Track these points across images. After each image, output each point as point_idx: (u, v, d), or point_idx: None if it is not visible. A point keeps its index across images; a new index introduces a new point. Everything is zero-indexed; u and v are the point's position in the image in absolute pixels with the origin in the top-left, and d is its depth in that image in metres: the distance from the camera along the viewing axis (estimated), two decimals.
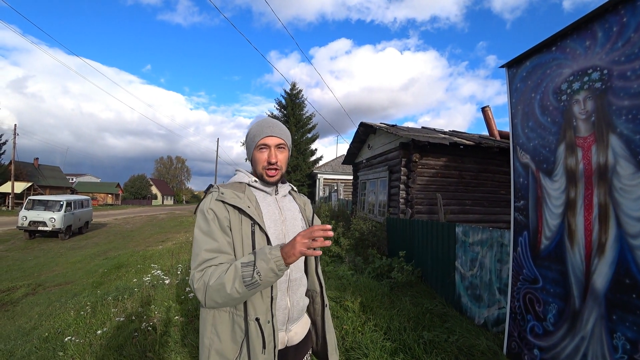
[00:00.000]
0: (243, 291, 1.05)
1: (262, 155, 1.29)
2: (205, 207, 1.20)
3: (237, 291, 1.04)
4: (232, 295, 1.05)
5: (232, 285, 1.04)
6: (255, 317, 1.15)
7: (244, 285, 1.04)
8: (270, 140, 1.29)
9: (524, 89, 2.80)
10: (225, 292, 1.05)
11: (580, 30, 2.29)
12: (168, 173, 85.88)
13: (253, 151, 1.31)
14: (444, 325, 3.50)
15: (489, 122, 10.62)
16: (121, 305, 4.31)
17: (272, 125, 1.32)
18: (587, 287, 2.16)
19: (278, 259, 1.05)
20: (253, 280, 1.04)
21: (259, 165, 1.30)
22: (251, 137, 1.32)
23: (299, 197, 1.50)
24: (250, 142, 1.33)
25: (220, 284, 1.05)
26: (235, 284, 1.04)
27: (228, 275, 1.06)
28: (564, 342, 2.29)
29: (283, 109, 29.03)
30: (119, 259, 9.40)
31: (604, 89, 2.11)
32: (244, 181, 1.33)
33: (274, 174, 1.30)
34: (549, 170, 2.51)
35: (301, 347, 1.34)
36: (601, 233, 2.08)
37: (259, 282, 1.05)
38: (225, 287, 1.04)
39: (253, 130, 1.32)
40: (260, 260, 1.05)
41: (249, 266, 1.06)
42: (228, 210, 1.20)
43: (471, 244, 3.96)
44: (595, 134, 2.16)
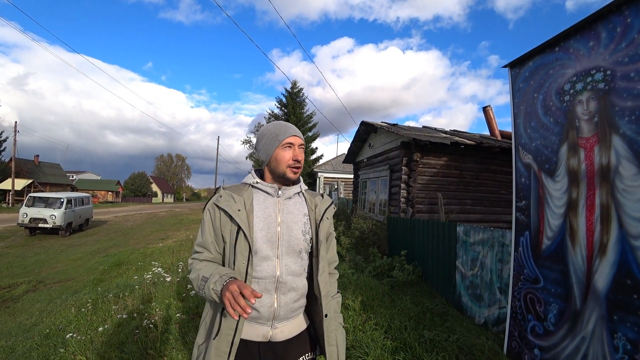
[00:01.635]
0: (200, 294, 1.24)
1: (287, 153, 1.32)
2: (207, 207, 1.35)
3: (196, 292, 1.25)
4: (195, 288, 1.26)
5: (195, 286, 1.25)
6: (222, 306, 1.24)
7: (198, 290, 1.23)
8: (295, 139, 1.34)
9: (527, 89, 2.80)
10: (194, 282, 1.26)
11: (583, 30, 2.29)
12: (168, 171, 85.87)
13: (276, 149, 1.33)
14: (445, 325, 3.50)
15: (490, 121, 10.62)
16: (122, 302, 4.31)
17: (291, 126, 1.38)
18: (588, 288, 2.16)
19: (217, 292, 1.15)
20: (201, 292, 1.21)
21: (283, 163, 1.32)
22: (273, 135, 1.34)
23: (312, 197, 1.47)
24: (272, 140, 1.34)
25: (192, 279, 1.27)
26: (195, 286, 1.25)
27: (195, 278, 1.25)
28: (565, 342, 2.30)
29: (284, 107, 29.01)
30: (120, 257, 9.41)
31: (607, 89, 2.11)
32: (248, 182, 1.37)
33: (298, 171, 1.35)
34: (551, 170, 2.51)
35: (293, 346, 1.34)
36: (603, 234, 2.08)
37: (205, 296, 1.22)
38: (193, 284, 1.26)
39: (274, 130, 1.35)
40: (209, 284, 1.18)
41: (203, 280, 1.20)
42: (220, 213, 1.30)
43: (472, 243, 3.97)
44: (598, 135, 2.16)
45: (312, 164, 28.53)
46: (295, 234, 1.33)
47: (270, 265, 1.28)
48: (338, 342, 1.40)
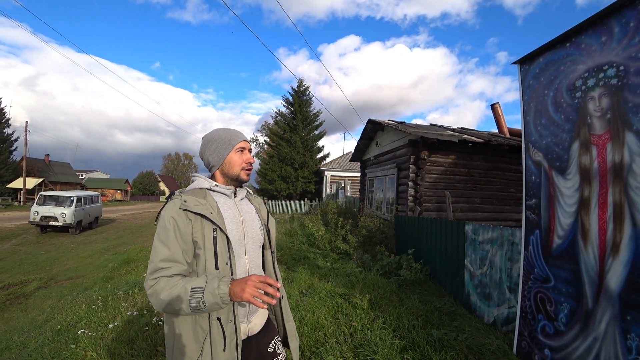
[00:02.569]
0: (189, 312, 1.15)
1: (241, 157, 1.41)
2: (167, 215, 1.24)
3: (183, 310, 1.14)
4: (180, 312, 1.16)
5: (180, 306, 1.14)
6: (217, 316, 1.23)
7: (190, 308, 1.14)
8: (245, 144, 1.43)
9: (537, 86, 2.76)
10: (173, 308, 1.15)
11: (595, 25, 2.25)
12: (176, 169, 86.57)
13: (230, 154, 1.39)
14: (453, 324, 3.48)
15: (499, 119, 10.50)
16: (131, 299, 4.36)
17: (239, 132, 1.46)
18: (600, 287, 2.13)
19: (224, 296, 1.13)
20: (198, 306, 1.13)
21: (237, 166, 1.40)
22: (225, 140, 1.40)
23: (254, 198, 1.58)
24: (224, 145, 1.39)
25: (170, 299, 1.14)
26: (183, 305, 1.14)
27: (177, 294, 1.14)
28: (576, 343, 2.27)
29: (290, 105, 29.05)
30: (129, 254, 9.51)
31: (620, 85, 2.07)
32: (204, 187, 1.38)
33: (250, 173, 1.44)
34: (562, 168, 2.47)
35: (263, 334, 1.45)
36: (616, 232, 2.05)
37: (203, 309, 1.14)
38: (173, 304, 1.14)
39: (225, 135, 1.41)
40: (208, 292, 1.13)
41: (198, 292, 1.13)
42: (190, 218, 1.25)
43: (481, 242, 3.93)
44: (610, 132, 2.12)
45: (319, 163, 28.56)
46: (255, 230, 1.44)
47: (242, 262, 1.36)
48: (292, 317, 1.57)
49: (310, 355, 2.90)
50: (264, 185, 27.95)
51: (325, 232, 8.68)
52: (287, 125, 28.66)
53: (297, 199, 26.80)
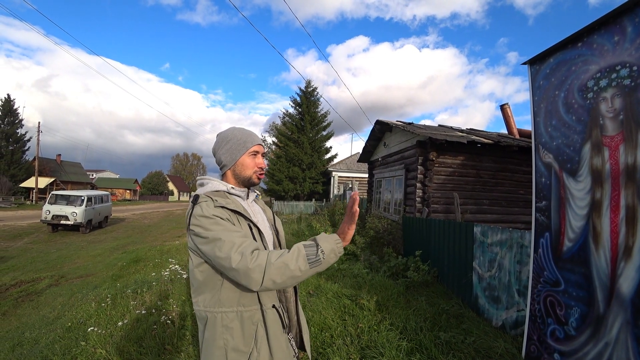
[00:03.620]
0: (305, 269, 1.10)
1: (253, 160, 1.39)
2: (208, 213, 1.21)
3: (299, 269, 1.09)
4: (294, 272, 1.09)
5: (295, 263, 1.09)
6: (271, 304, 1.27)
7: (307, 263, 1.11)
8: (260, 148, 1.42)
9: (547, 87, 2.72)
10: (289, 270, 1.09)
11: (608, 25, 2.21)
12: (184, 170, 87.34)
13: (242, 156, 1.38)
14: (461, 327, 3.45)
15: (508, 120, 10.39)
16: (140, 298, 4.41)
17: (255, 135, 1.44)
18: (612, 292, 2.09)
19: (338, 242, 1.17)
20: (317, 258, 1.12)
21: (250, 169, 1.39)
22: (240, 142, 1.38)
23: (259, 201, 1.59)
24: (238, 146, 1.38)
25: (283, 262, 1.09)
26: (299, 262, 1.10)
27: (290, 254, 1.11)
28: (587, 348, 2.23)
29: (298, 106, 29.09)
30: (137, 253, 9.62)
31: (634, 86, 2.03)
32: (221, 189, 1.36)
33: (262, 177, 1.43)
34: (573, 170, 2.43)
35: None
36: (628, 236, 2.01)
37: (321, 260, 1.12)
38: (288, 265, 1.09)
39: (241, 136, 1.39)
40: (323, 241, 1.15)
41: (312, 247, 1.14)
42: (231, 214, 1.26)
43: (490, 244, 3.89)
44: (623, 133, 2.09)
45: (326, 163, 28.55)
46: (267, 230, 1.44)
47: None
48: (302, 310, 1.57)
49: (317, 356, 2.89)
50: (272, 185, 28.02)
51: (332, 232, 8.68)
52: (294, 126, 28.71)
53: (304, 199, 26.83)
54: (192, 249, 1.25)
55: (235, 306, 1.23)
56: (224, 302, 1.22)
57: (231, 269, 1.11)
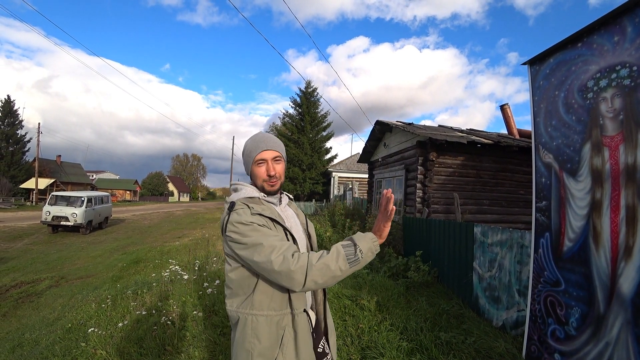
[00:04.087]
0: (345, 269, 1.13)
1: (260, 169, 1.37)
2: (245, 220, 1.22)
3: (340, 269, 1.13)
4: (335, 272, 1.13)
5: (335, 264, 1.13)
6: (302, 309, 1.29)
7: (347, 262, 1.14)
8: (267, 154, 1.36)
9: (547, 87, 2.72)
10: (329, 270, 1.12)
11: (608, 25, 2.21)
12: (184, 170, 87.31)
13: (252, 166, 1.38)
14: (461, 327, 3.45)
15: (508, 120, 10.40)
16: (140, 299, 4.40)
17: (266, 139, 1.39)
18: (612, 291, 2.09)
19: (375, 240, 1.20)
20: (356, 257, 1.15)
21: (259, 179, 1.37)
22: (248, 153, 1.39)
23: (292, 205, 1.59)
24: (247, 157, 1.39)
25: (323, 264, 1.12)
26: (339, 262, 1.13)
27: (330, 255, 1.14)
28: (587, 348, 2.23)
29: (298, 107, 29.11)
30: (138, 254, 9.61)
31: (634, 86, 2.03)
32: (255, 195, 1.37)
33: (275, 183, 1.38)
34: (573, 170, 2.44)
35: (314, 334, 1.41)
36: (629, 236, 2.01)
37: (360, 259, 1.15)
38: (329, 266, 1.12)
39: (249, 146, 1.39)
40: (361, 240, 1.18)
41: (350, 247, 1.17)
42: (266, 221, 1.27)
43: (490, 244, 3.89)
44: (623, 133, 2.09)
45: (327, 164, 28.56)
46: (300, 234, 1.44)
47: None
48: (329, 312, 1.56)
49: None
50: None
51: (332, 233, 8.66)
52: (294, 126, 28.72)
53: (304, 200, 26.83)
54: (229, 254, 1.28)
55: (266, 310, 1.24)
56: (255, 305, 1.24)
57: (273, 272, 1.13)
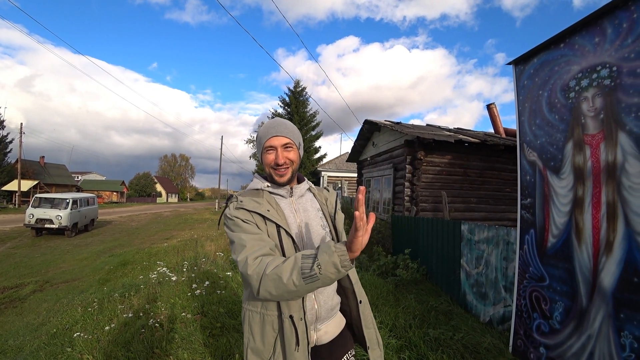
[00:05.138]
0: (300, 284, 0.99)
1: (269, 156, 1.29)
2: (230, 214, 1.22)
3: (293, 283, 0.99)
4: (288, 286, 0.99)
5: (289, 276, 0.99)
6: (289, 314, 1.16)
7: (301, 277, 0.98)
8: (276, 140, 1.28)
9: (532, 86, 2.78)
10: (282, 283, 1.00)
11: (589, 26, 2.27)
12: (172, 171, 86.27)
13: (262, 154, 1.31)
14: (450, 323, 3.49)
15: (495, 119, 10.55)
16: (128, 302, 4.34)
17: (277, 125, 1.30)
18: (594, 286, 2.15)
19: (343, 253, 0.97)
20: (312, 272, 0.98)
21: (267, 167, 1.31)
22: (258, 139, 1.33)
23: (320, 193, 1.47)
24: (258, 145, 1.34)
25: (276, 274, 1.01)
26: (293, 276, 0.99)
27: (286, 265, 1.01)
28: (571, 341, 2.29)
29: (287, 106, 29.03)
30: (125, 256, 9.46)
31: (613, 86, 2.09)
32: (258, 187, 1.33)
33: (283, 173, 1.29)
34: (556, 168, 2.49)
35: (337, 346, 1.33)
36: (609, 231, 2.06)
37: (317, 276, 0.97)
38: (282, 278, 1.00)
39: (260, 133, 1.32)
40: (322, 252, 0.99)
41: (309, 258, 1.00)
42: (252, 215, 1.21)
43: (477, 241, 3.95)
44: (604, 132, 2.14)
45: (316, 163, 28.55)
46: (316, 229, 1.32)
47: None
48: (374, 324, 1.41)
49: None
50: None
51: None
52: None
53: None
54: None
55: (259, 307, 1.21)
56: (251, 301, 1.23)
57: (240, 272, 1.11)
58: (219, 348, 2.97)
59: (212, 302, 3.93)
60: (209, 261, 6.11)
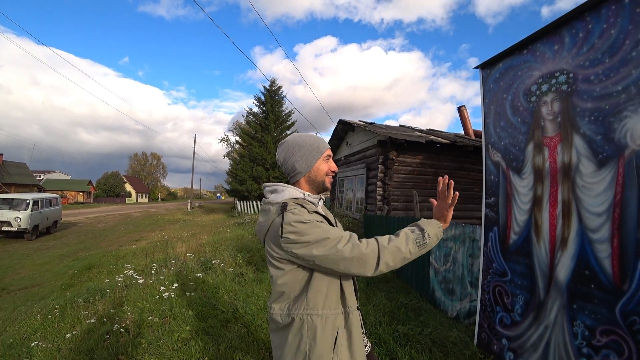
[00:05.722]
0: (415, 251, 1.23)
1: (327, 165, 1.41)
2: (305, 219, 1.22)
3: (410, 251, 1.22)
4: (405, 255, 1.21)
5: (406, 246, 1.21)
6: (356, 306, 1.34)
7: (416, 245, 1.23)
8: (331, 152, 1.45)
9: (497, 90, 2.89)
10: (400, 252, 1.20)
11: (549, 34, 2.38)
12: (143, 170, 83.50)
13: (318, 160, 1.38)
14: (419, 319, 3.58)
15: (465, 121, 10.89)
16: (92, 307, 4.16)
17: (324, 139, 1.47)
18: (551, 279, 2.26)
19: (439, 226, 1.32)
20: (424, 241, 1.25)
21: (323, 173, 1.40)
22: (314, 147, 1.38)
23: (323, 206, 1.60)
24: (313, 152, 1.38)
25: (395, 246, 1.20)
26: (409, 245, 1.22)
27: (401, 239, 1.22)
28: (530, 331, 2.40)
29: (262, 105, 28.79)
30: (90, 260, 9.08)
31: (570, 91, 2.21)
32: (299, 196, 1.34)
33: (332, 182, 1.47)
34: (518, 168, 2.60)
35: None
36: (564, 228, 2.18)
37: (427, 243, 1.25)
38: (400, 249, 1.20)
39: (316, 142, 1.40)
40: (427, 225, 1.29)
41: (417, 231, 1.27)
42: (322, 218, 1.29)
43: (445, 239, 4.07)
44: (560, 134, 2.26)
45: None
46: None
47: None
48: None
49: None
50: (235, 185, 27.49)
51: None
52: (258, 125, 28.36)
53: None
54: (280, 258, 1.24)
55: (321, 309, 1.24)
56: (310, 305, 1.23)
57: (344, 260, 1.16)
58: (187, 352, 2.91)
59: (181, 305, 3.84)
60: (179, 263, 5.95)
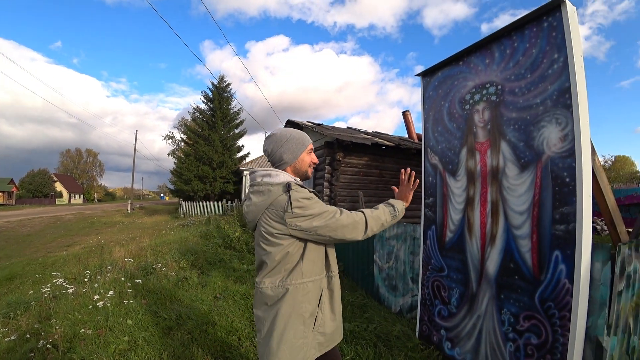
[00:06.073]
0: (389, 220, 1.56)
1: (310, 157, 1.64)
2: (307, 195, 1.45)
3: (386, 220, 1.55)
4: (384, 222, 1.54)
5: (384, 216, 1.54)
6: (337, 271, 1.61)
7: (390, 215, 1.56)
8: (312, 146, 1.69)
9: (436, 97, 3.09)
10: (380, 220, 1.52)
11: (482, 48, 2.60)
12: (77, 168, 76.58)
13: (303, 153, 1.59)
14: (364, 316, 3.71)
15: (409, 125, 11.46)
16: (13, 323, 3.74)
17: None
18: (482, 273, 2.48)
19: (403, 204, 1.68)
20: (395, 213, 1.59)
21: (307, 164, 1.62)
22: (300, 141, 1.59)
23: None
24: (299, 145, 1.58)
25: (377, 216, 1.52)
26: (386, 215, 1.55)
27: (379, 211, 1.55)
28: (465, 321, 2.61)
29: (210, 102, 27.88)
30: (12, 269, 8.15)
31: (498, 102, 2.44)
32: (291, 181, 1.48)
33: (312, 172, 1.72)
34: (453, 170, 2.81)
35: None
36: (493, 225, 2.40)
37: (397, 215, 1.59)
38: (380, 218, 1.53)
39: (301, 136, 1.60)
40: (395, 203, 1.64)
41: (389, 206, 1.60)
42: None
43: (388, 238, 4.26)
44: (490, 140, 2.49)
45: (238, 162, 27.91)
46: None
47: None
48: None
49: None
50: (180, 185, 26.29)
51: (242, 233, 8.49)
52: (205, 122, 27.42)
53: (215, 199, 25.79)
54: (279, 233, 1.41)
55: (313, 276, 1.47)
56: (305, 273, 1.44)
57: (341, 227, 1.42)
58: None
59: (118, 315, 3.60)
60: (116, 269, 5.56)
